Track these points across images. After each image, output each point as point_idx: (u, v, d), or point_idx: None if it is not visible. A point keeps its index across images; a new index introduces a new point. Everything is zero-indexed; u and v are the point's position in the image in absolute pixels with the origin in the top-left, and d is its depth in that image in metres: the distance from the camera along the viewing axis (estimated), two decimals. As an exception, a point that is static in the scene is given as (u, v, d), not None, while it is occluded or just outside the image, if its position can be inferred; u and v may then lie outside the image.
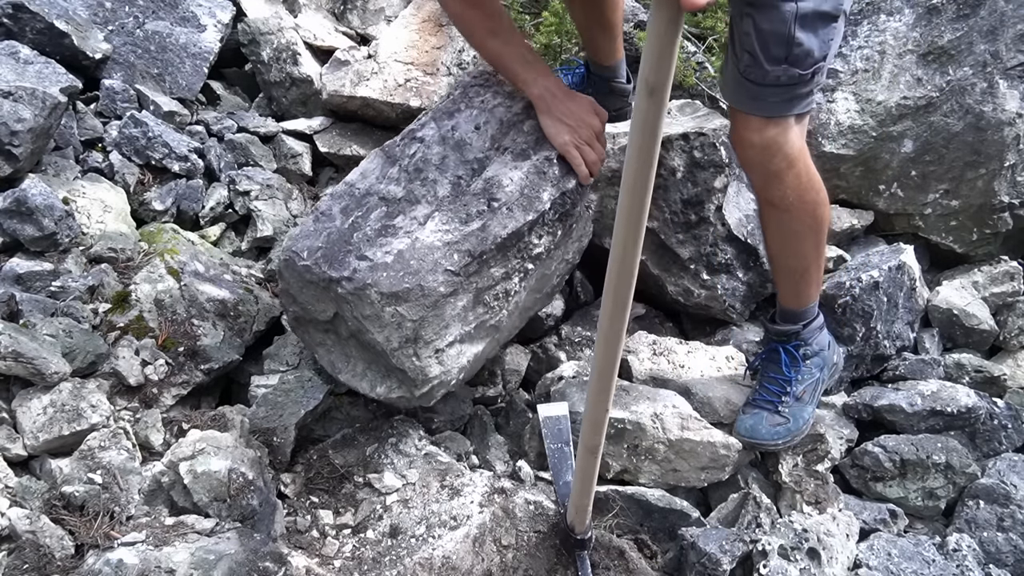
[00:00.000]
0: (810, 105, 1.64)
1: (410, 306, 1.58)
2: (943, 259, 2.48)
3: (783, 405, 1.86)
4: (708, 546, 1.58)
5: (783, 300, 1.89)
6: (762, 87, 1.55)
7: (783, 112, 1.59)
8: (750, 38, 1.50)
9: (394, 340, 1.60)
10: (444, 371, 1.68)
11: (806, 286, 1.84)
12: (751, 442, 1.85)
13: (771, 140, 1.61)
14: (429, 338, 1.62)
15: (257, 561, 1.41)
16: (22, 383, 1.66)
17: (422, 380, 1.65)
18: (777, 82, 1.54)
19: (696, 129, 2.16)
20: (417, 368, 1.64)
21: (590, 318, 2.27)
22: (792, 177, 1.67)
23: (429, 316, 1.60)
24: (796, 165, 1.66)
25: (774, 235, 1.81)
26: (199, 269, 2.06)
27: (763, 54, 1.51)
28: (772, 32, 1.48)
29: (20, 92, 1.99)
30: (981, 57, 2.27)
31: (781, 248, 1.82)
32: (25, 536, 1.38)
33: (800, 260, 1.80)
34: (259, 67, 2.90)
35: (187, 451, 1.56)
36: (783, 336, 1.89)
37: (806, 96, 1.60)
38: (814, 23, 1.49)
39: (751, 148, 1.64)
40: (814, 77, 1.57)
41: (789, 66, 1.52)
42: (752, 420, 1.85)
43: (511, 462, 1.94)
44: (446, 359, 1.67)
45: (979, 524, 1.88)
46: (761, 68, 1.52)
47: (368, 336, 1.63)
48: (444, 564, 1.50)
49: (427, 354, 1.64)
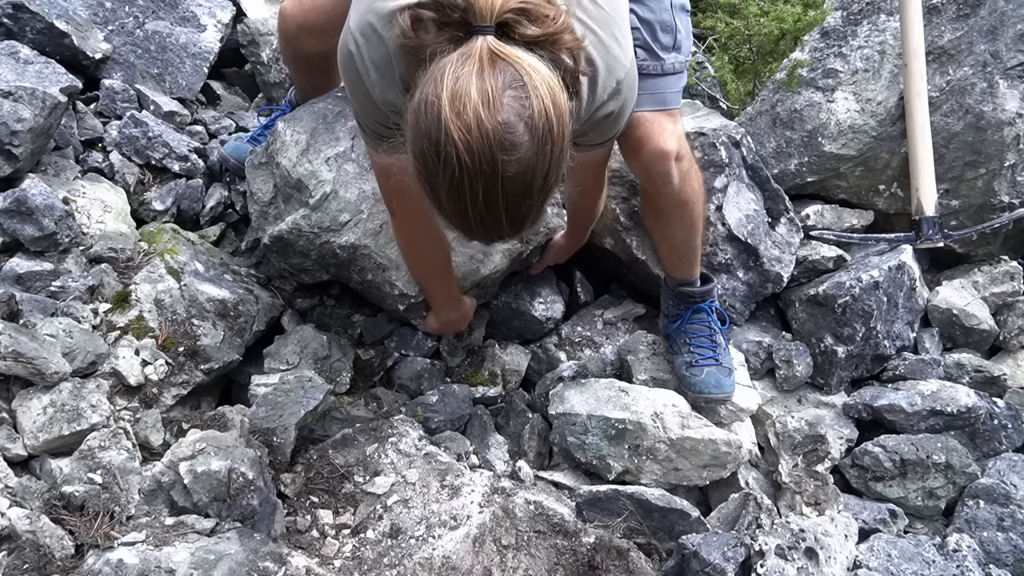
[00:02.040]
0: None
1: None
2: (943, 259, 2.48)
3: (721, 356, 1.98)
4: (711, 555, 1.56)
5: (687, 273, 1.99)
6: (660, 79, 1.62)
7: (677, 104, 1.68)
8: (640, 32, 1.57)
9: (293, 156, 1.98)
10: (335, 178, 1.94)
11: (700, 252, 1.97)
12: (716, 397, 1.93)
13: (679, 140, 1.68)
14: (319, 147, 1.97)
15: (257, 561, 1.41)
16: (22, 383, 1.66)
17: (316, 184, 1.93)
18: (673, 70, 1.62)
19: (696, 129, 2.16)
20: (309, 173, 1.94)
21: (590, 318, 2.27)
22: (694, 170, 1.78)
23: (320, 128, 1.97)
24: (692, 157, 1.78)
25: (681, 228, 1.86)
26: (199, 269, 2.06)
27: (655, 44, 1.59)
28: (658, 21, 1.57)
29: (20, 92, 1.98)
30: (981, 57, 2.27)
31: (687, 236, 1.88)
32: (25, 536, 1.38)
33: (699, 234, 1.90)
34: (259, 68, 2.90)
35: (187, 451, 1.56)
36: (705, 296, 2.01)
37: (683, 86, 1.71)
38: (681, 13, 1.63)
39: (665, 158, 1.67)
40: (687, 67, 1.70)
41: (677, 53, 1.62)
42: (706, 377, 1.93)
43: (511, 462, 1.94)
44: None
45: (979, 524, 1.88)
46: (657, 58, 1.60)
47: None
48: (444, 564, 1.50)
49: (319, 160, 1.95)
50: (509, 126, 1.05)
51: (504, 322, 2.24)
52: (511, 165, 1.06)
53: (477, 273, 2.05)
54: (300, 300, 2.23)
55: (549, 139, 1.08)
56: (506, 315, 2.23)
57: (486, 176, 1.06)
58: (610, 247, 2.22)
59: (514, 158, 1.06)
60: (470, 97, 1.04)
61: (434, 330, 2.12)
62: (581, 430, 1.86)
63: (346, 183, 1.95)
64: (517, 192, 1.10)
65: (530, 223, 1.19)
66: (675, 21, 1.59)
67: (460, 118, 1.04)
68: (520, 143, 1.06)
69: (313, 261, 2.05)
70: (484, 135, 1.04)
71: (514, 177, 1.08)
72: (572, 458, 1.89)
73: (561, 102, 1.11)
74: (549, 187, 1.14)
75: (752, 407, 2.03)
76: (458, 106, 1.04)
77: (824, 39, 2.40)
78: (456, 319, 2.07)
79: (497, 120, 1.04)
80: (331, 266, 2.05)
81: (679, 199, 1.77)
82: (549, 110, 1.08)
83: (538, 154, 1.08)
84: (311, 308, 2.24)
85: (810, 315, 2.20)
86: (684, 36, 1.63)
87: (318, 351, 2.05)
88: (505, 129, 1.05)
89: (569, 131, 1.13)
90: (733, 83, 2.73)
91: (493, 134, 1.04)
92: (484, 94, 1.04)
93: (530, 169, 1.08)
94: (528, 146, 1.07)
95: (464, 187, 1.08)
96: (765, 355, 2.21)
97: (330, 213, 1.95)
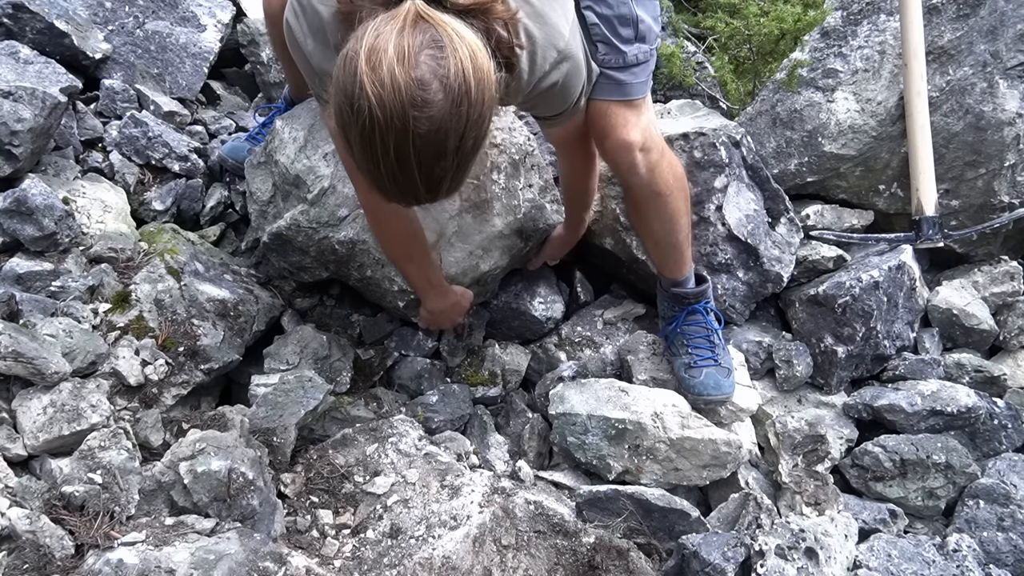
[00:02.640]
0: (651, 84, 1.73)
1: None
2: (943, 259, 2.48)
3: (720, 356, 1.98)
4: (711, 555, 1.56)
5: (676, 272, 1.98)
6: (623, 71, 1.62)
7: (643, 93, 1.68)
8: (599, 27, 1.57)
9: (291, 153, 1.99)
10: (333, 173, 1.94)
11: (688, 249, 1.96)
12: (716, 398, 1.93)
13: (645, 130, 1.68)
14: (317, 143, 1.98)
15: (257, 561, 1.41)
16: (22, 383, 1.66)
17: (314, 179, 1.93)
18: (636, 61, 1.62)
19: (696, 129, 2.16)
20: (307, 168, 1.95)
21: (590, 318, 2.27)
22: (666, 162, 1.77)
23: (317, 124, 1.96)
24: (664, 149, 1.77)
25: (660, 222, 1.85)
26: (199, 269, 2.06)
27: (615, 39, 1.59)
28: (616, 16, 1.57)
29: (20, 92, 1.98)
30: (981, 57, 2.27)
31: (667, 230, 1.87)
32: (25, 536, 1.38)
33: (683, 230, 1.89)
34: (259, 68, 2.90)
35: (187, 451, 1.56)
36: (699, 297, 2.00)
37: (651, 74, 1.70)
38: (643, 1, 1.61)
39: (628, 148, 1.68)
40: (655, 54, 1.69)
41: (640, 43, 1.61)
42: (705, 379, 1.93)
43: (511, 462, 1.94)
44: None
45: (979, 524, 1.88)
46: (618, 52, 1.60)
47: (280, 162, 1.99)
48: (444, 564, 1.50)
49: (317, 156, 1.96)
50: (422, 83, 1.05)
51: (504, 322, 2.24)
52: (422, 122, 1.06)
53: (476, 269, 2.05)
54: (300, 300, 2.23)
55: (466, 100, 1.08)
56: (506, 315, 2.23)
57: (397, 132, 1.07)
58: (610, 247, 2.22)
59: (426, 115, 1.06)
60: (386, 53, 1.04)
61: (428, 323, 2.10)
62: (581, 430, 1.86)
63: (344, 178, 1.95)
64: (429, 151, 1.10)
65: (447, 187, 1.18)
66: (635, 12, 1.59)
67: (375, 72, 1.04)
68: (433, 101, 1.06)
69: (312, 258, 2.05)
70: (396, 90, 1.04)
71: (425, 135, 1.07)
72: (572, 458, 1.89)
73: (483, 66, 1.10)
74: (466, 151, 1.14)
75: (752, 407, 2.03)
76: (374, 60, 1.04)
77: (824, 39, 2.40)
78: (444, 309, 2.00)
79: (411, 76, 1.04)
80: (330, 263, 2.04)
81: (651, 190, 1.77)
82: (468, 71, 1.07)
83: (452, 114, 1.08)
84: (311, 308, 2.24)
85: (810, 315, 2.20)
86: (648, 25, 1.62)
87: (318, 351, 2.05)
88: (418, 85, 1.05)
89: (491, 96, 1.12)
90: (733, 83, 2.72)
91: (405, 89, 1.04)
92: (400, 50, 1.05)
93: (443, 128, 1.08)
94: (441, 104, 1.06)
95: (376, 141, 1.08)
96: (765, 355, 2.21)
97: (328, 208, 1.95)
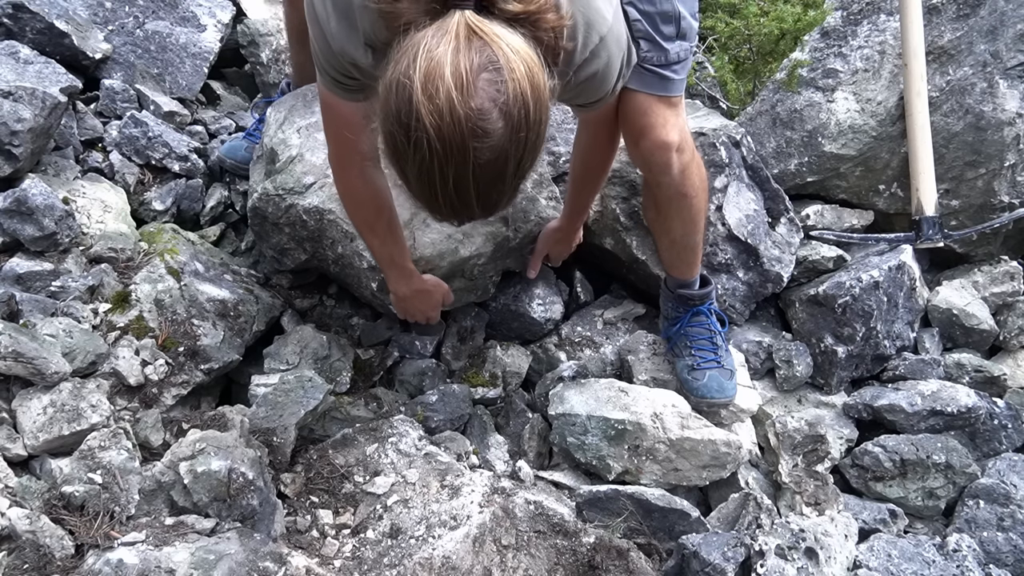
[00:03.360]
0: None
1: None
2: (943, 259, 2.48)
3: (723, 358, 1.98)
4: (711, 555, 1.56)
5: (687, 273, 1.98)
6: (665, 68, 1.61)
7: (681, 91, 1.67)
8: (641, 23, 1.55)
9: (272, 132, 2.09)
10: (302, 143, 2.00)
11: (701, 252, 1.95)
12: (719, 401, 1.94)
13: (681, 132, 1.67)
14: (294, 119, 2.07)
15: (257, 561, 1.41)
16: (22, 383, 1.66)
17: (284, 149, 2.00)
18: (678, 59, 1.61)
19: (696, 129, 2.16)
20: (280, 140, 2.03)
21: (590, 318, 2.27)
22: (695, 164, 1.76)
23: (298, 104, 2.07)
24: (695, 150, 1.77)
25: (681, 222, 1.85)
26: (199, 269, 2.06)
27: (658, 36, 1.57)
28: (659, 12, 1.56)
29: (20, 92, 1.99)
30: (981, 57, 2.27)
31: (687, 231, 1.86)
32: (25, 536, 1.38)
33: (700, 232, 1.89)
34: (258, 68, 2.90)
35: (187, 451, 1.56)
36: (704, 298, 2.00)
37: (687, 73, 1.69)
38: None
39: (666, 148, 1.67)
40: (694, 52, 1.69)
41: (681, 41, 1.60)
42: (708, 381, 1.93)
43: (511, 462, 1.94)
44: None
45: (979, 524, 1.88)
46: (661, 49, 1.58)
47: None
48: (444, 564, 1.50)
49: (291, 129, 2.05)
50: (483, 112, 1.01)
51: (504, 323, 2.24)
52: (483, 152, 1.03)
53: (456, 253, 2.01)
54: (300, 300, 2.23)
55: (524, 126, 1.05)
56: (505, 316, 2.23)
57: (457, 163, 1.03)
58: (610, 247, 2.22)
59: (487, 145, 1.03)
60: (443, 79, 1.00)
61: (399, 311, 2.03)
62: (581, 430, 1.86)
63: (313, 148, 1.98)
64: (488, 179, 1.07)
65: (503, 206, 1.17)
66: (677, 8, 1.57)
67: (432, 102, 1.00)
68: (493, 130, 1.02)
69: (287, 235, 2.05)
70: (456, 121, 1.00)
71: (486, 165, 1.04)
72: (572, 458, 1.89)
73: (540, 84, 1.06)
74: (523, 172, 1.12)
75: (752, 407, 2.03)
76: (431, 89, 1.00)
77: (824, 39, 2.40)
78: (409, 295, 1.95)
79: (470, 106, 1.00)
80: (305, 241, 2.05)
81: (679, 191, 1.76)
82: (526, 94, 1.04)
83: (511, 141, 1.05)
84: (311, 308, 2.24)
85: (810, 315, 2.20)
86: (689, 23, 1.60)
87: (318, 351, 2.05)
88: (478, 116, 1.01)
89: (548, 114, 1.10)
90: (733, 83, 2.73)
91: (466, 120, 1.00)
92: (458, 77, 1.00)
93: (503, 156, 1.05)
94: (502, 133, 1.03)
95: (435, 172, 1.05)
96: (765, 355, 2.21)
97: (294, 175, 1.98)
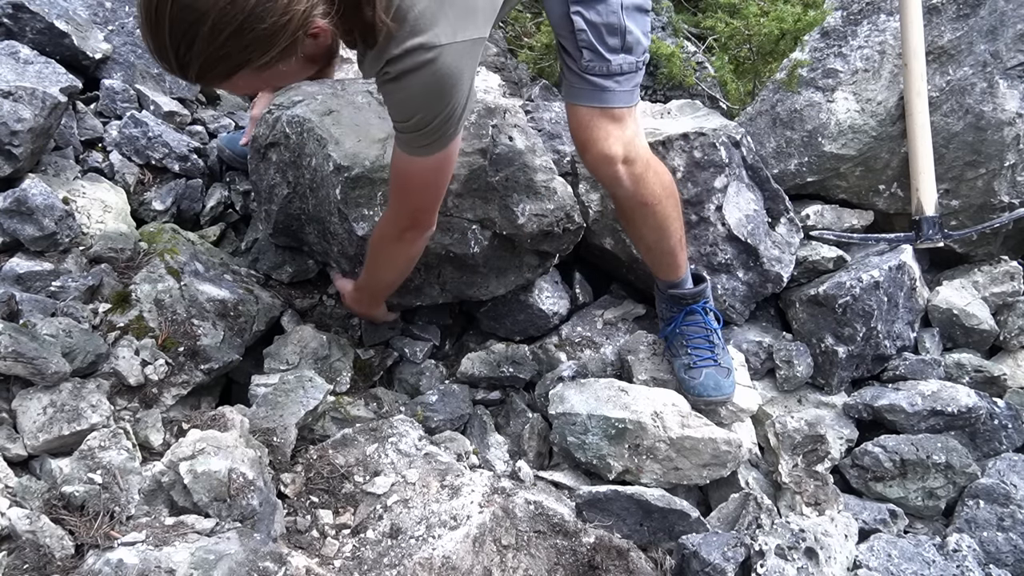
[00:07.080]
0: (638, 97, 1.74)
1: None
2: (943, 259, 2.48)
3: (719, 356, 1.98)
4: (711, 555, 1.56)
5: (671, 274, 1.99)
6: (606, 79, 1.64)
7: (629, 102, 1.68)
8: (586, 33, 1.59)
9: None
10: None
11: (682, 252, 1.96)
12: (716, 399, 1.93)
13: (628, 143, 1.69)
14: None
15: (257, 561, 1.40)
16: (22, 383, 1.66)
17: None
18: (620, 71, 1.64)
19: (696, 129, 2.16)
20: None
21: (590, 318, 2.27)
22: (652, 173, 1.77)
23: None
24: (650, 160, 1.78)
25: (650, 229, 1.86)
26: (199, 269, 2.06)
27: (602, 47, 1.60)
28: (604, 24, 1.59)
29: (20, 92, 1.98)
30: (981, 57, 2.27)
31: (658, 237, 1.88)
32: (25, 536, 1.38)
33: (675, 235, 1.89)
34: (259, 67, 2.90)
35: (187, 451, 1.56)
36: (697, 297, 1.99)
37: (639, 86, 1.71)
38: (634, 14, 1.63)
39: (609, 162, 1.69)
40: (643, 67, 1.70)
41: (626, 55, 1.63)
42: (704, 380, 1.93)
43: (511, 462, 1.94)
44: None
45: (979, 524, 1.88)
46: (603, 59, 1.62)
47: None
48: (444, 564, 1.50)
49: None
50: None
51: (509, 315, 2.22)
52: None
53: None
54: (300, 300, 2.23)
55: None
56: (512, 308, 2.21)
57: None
58: (610, 247, 2.22)
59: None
60: None
61: (343, 294, 2.13)
62: (581, 430, 1.86)
63: (311, 84, 2.22)
64: (182, 26, 1.14)
65: (195, 70, 1.20)
66: (624, 23, 1.60)
67: None
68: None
69: (274, 167, 2.15)
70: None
71: (184, 8, 1.12)
72: (572, 458, 1.89)
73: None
74: (219, 44, 1.15)
75: (752, 407, 2.03)
76: None
77: (824, 39, 2.40)
78: (362, 313, 2.14)
79: None
80: (288, 168, 2.13)
81: (638, 201, 1.79)
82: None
83: (213, 2, 1.11)
84: (311, 308, 2.24)
85: (810, 315, 2.20)
86: (636, 38, 1.63)
87: (318, 351, 2.05)
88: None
89: (278, 16, 1.14)
90: (733, 83, 2.73)
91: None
92: None
93: (200, 10, 1.12)
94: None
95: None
96: (765, 355, 2.21)
97: (288, 96, 2.21)
